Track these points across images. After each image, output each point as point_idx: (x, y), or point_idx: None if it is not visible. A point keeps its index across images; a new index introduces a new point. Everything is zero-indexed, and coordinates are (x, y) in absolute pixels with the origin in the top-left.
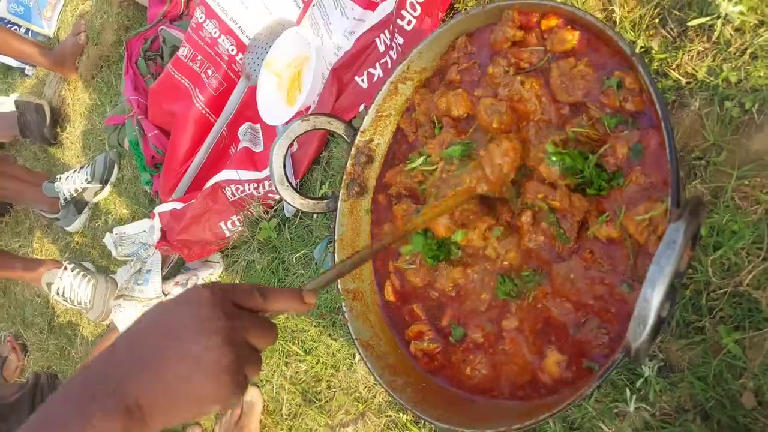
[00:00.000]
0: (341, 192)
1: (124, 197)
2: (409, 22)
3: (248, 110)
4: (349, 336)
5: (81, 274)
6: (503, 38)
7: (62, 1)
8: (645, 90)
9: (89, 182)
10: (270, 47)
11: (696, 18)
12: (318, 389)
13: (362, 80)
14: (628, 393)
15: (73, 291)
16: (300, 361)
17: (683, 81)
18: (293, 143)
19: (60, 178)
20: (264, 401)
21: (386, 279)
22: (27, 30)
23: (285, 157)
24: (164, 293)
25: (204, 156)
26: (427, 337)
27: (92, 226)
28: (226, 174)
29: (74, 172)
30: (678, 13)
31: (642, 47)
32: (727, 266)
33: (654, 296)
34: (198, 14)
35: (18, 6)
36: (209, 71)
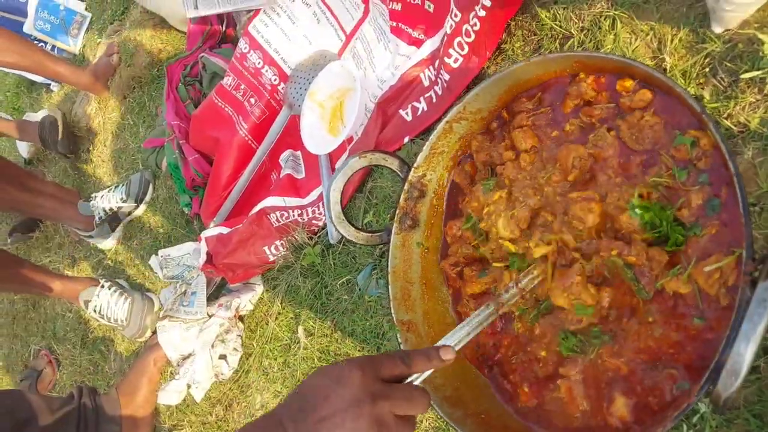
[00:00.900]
0: (394, 225)
1: (159, 217)
2: (456, 60)
3: (289, 137)
4: None
5: (118, 293)
6: (577, 94)
7: (88, 19)
8: (716, 147)
9: (124, 201)
10: (312, 77)
11: (748, 71)
12: None
13: (406, 113)
14: (685, 428)
15: (110, 309)
16: None
17: (735, 130)
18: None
19: (95, 197)
20: None
21: None
22: (53, 47)
23: (342, 193)
24: (208, 314)
25: (246, 181)
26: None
27: (126, 244)
28: (272, 200)
29: (109, 191)
30: (729, 65)
31: (693, 96)
32: None
33: (747, 351)
34: (242, 45)
35: (45, 23)
36: (252, 100)
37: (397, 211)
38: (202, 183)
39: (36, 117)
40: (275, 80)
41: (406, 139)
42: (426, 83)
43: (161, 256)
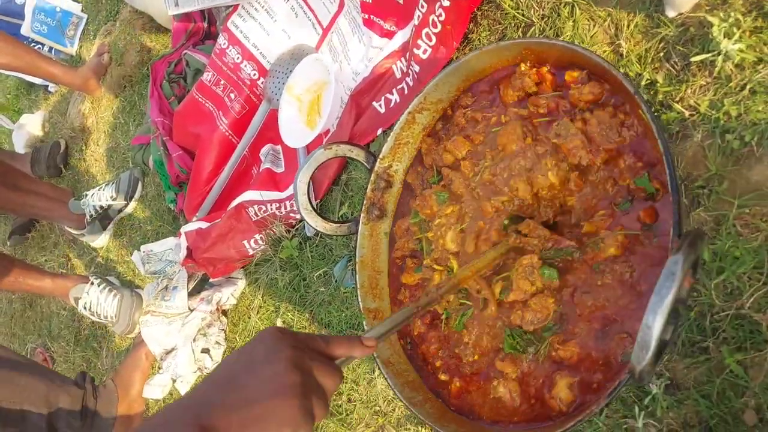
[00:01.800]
0: (362, 216)
1: (148, 213)
2: (425, 51)
3: (269, 132)
4: (371, 354)
5: (107, 289)
6: (519, 86)
7: (84, 21)
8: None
9: (114, 199)
10: (290, 72)
11: (698, 54)
12: (339, 403)
13: (380, 105)
14: (637, 410)
15: (100, 305)
16: None
17: (686, 113)
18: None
19: (86, 195)
20: None
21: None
22: (50, 49)
23: (309, 184)
24: (190, 309)
25: (227, 176)
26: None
27: (117, 242)
28: (250, 195)
29: (99, 189)
30: (681, 48)
31: (648, 80)
32: (730, 290)
33: (655, 323)
34: (221, 40)
35: (42, 26)
36: (232, 95)
37: (365, 202)
38: (187, 179)
39: (31, 119)
40: (254, 75)
41: (380, 131)
42: (398, 75)
43: (143, 252)
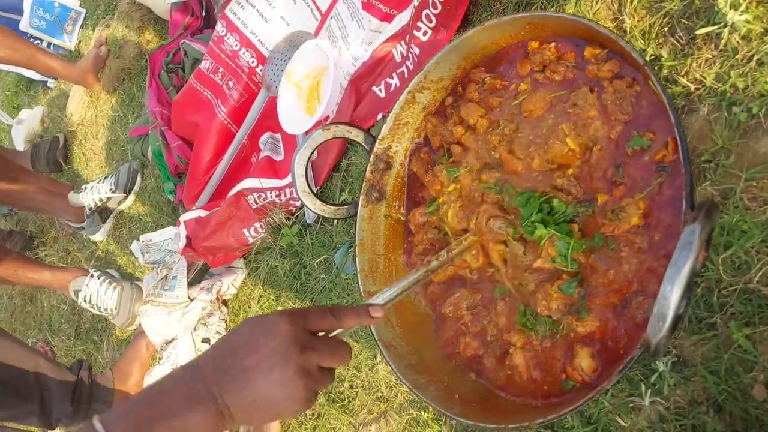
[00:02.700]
0: (361, 198)
1: (148, 206)
2: (425, 33)
3: (269, 120)
4: (371, 337)
5: (107, 281)
6: (540, 62)
7: (83, 16)
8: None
9: (113, 192)
10: (289, 59)
11: (704, 27)
12: (341, 389)
13: (380, 90)
14: (643, 388)
15: (100, 298)
16: None
17: (692, 87)
18: (313, 152)
19: (85, 188)
20: None
21: None
22: (49, 44)
23: (307, 166)
24: (190, 298)
25: (226, 165)
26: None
27: (116, 235)
28: (249, 182)
29: (98, 182)
30: (686, 22)
31: (652, 55)
32: (738, 264)
33: (673, 294)
34: (219, 28)
35: (40, 21)
36: (230, 83)
37: (364, 184)
38: (186, 169)
39: (30, 115)
40: (253, 62)
41: (380, 116)
42: (398, 59)
43: (142, 242)
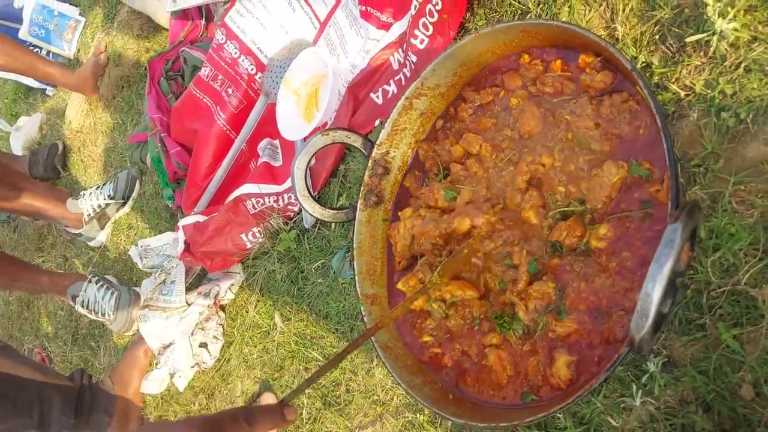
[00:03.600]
0: (359, 202)
1: (146, 212)
2: (422, 41)
3: (267, 126)
4: (368, 340)
5: (105, 287)
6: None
7: (82, 24)
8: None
9: (112, 198)
10: (288, 66)
11: (693, 35)
12: (337, 393)
13: (377, 96)
14: (634, 388)
15: (97, 303)
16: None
17: (682, 93)
18: (312, 157)
19: (83, 195)
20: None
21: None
22: (48, 52)
23: (306, 171)
24: (188, 303)
25: (225, 171)
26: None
27: (115, 241)
28: (248, 188)
29: (97, 189)
30: (677, 30)
31: (644, 62)
32: (726, 266)
33: (654, 291)
34: (218, 36)
35: (39, 29)
36: (230, 90)
37: (362, 188)
38: (184, 175)
39: (28, 122)
40: (252, 70)
41: (377, 122)
42: (395, 66)
43: (141, 246)
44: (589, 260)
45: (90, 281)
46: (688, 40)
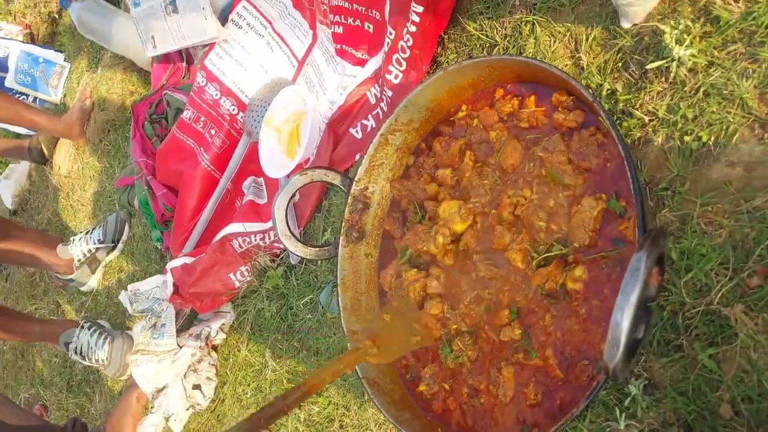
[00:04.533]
0: (341, 238)
1: (136, 255)
2: (396, 76)
3: (251, 164)
4: (358, 376)
5: (97, 332)
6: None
7: (68, 69)
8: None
9: (101, 242)
10: (268, 105)
11: (654, 61)
12: (331, 429)
13: (357, 131)
14: (618, 412)
15: (90, 349)
16: (312, 403)
17: (646, 119)
18: (296, 195)
19: (73, 240)
20: None
21: None
22: (35, 99)
23: (287, 210)
24: (179, 345)
25: (211, 211)
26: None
27: (106, 285)
28: (233, 227)
29: (87, 233)
30: (638, 57)
31: (608, 89)
32: (699, 287)
33: (623, 320)
34: (199, 78)
35: (25, 76)
36: (212, 131)
37: (343, 224)
38: (172, 217)
39: (16, 170)
40: (233, 110)
41: (358, 156)
42: (372, 101)
43: (131, 291)
44: (563, 304)
45: (82, 327)
46: (649, 67)
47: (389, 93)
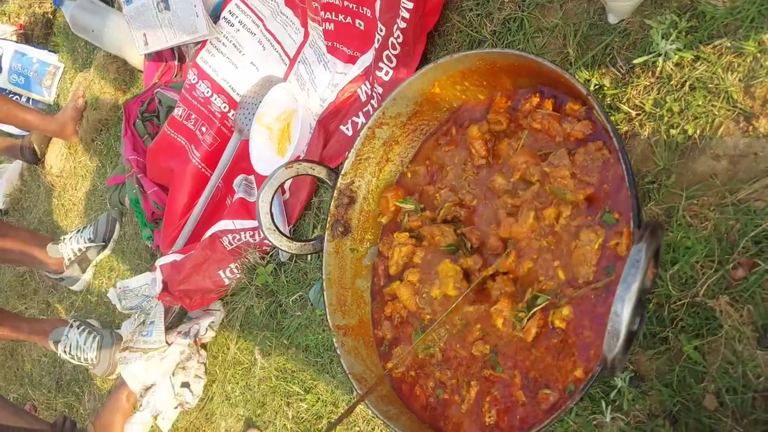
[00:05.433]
0: (326, 233)
1: (127, 254)
2: (387, 73)
3: (242, 162)
4: (344, 372)
5: (86, 331)
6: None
7: (61, 69)
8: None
9: (92, 241)
10: (260, 102)
11: (640, 56)
12: (319, 426)
13: (347, 128)
14: (604, 404)
15: (80, 348)
16: (301, 401)
17: (633, 113)
18: (285, 191)
19: (64, 239)
20: None
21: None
22: (28, 99)
23: (271, 204)
24: (167, 343)
25: (201, 208)
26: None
27: (96, 284)
28: (223, 224)
29: (77, 232)
30: (625, 52)
31: (596, 84)
32: (684, 279)
33: (624, 311)
34: (191, 76)
35: (19, 77)
36: (203, 128)
37: (329, 219)
38: (162, 215)
39: (9, 169)
40: (224, 108)
41: (348, 153)
42: (363, 98)
43: (119, 288)
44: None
45: (71, 326)
46: (636, 62)
47: (380, 90)
